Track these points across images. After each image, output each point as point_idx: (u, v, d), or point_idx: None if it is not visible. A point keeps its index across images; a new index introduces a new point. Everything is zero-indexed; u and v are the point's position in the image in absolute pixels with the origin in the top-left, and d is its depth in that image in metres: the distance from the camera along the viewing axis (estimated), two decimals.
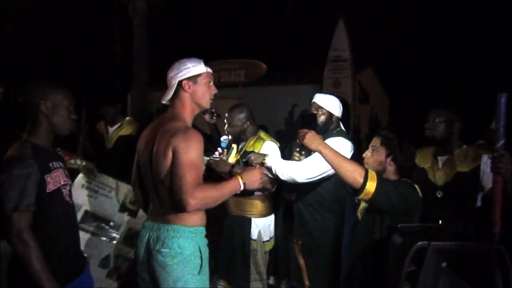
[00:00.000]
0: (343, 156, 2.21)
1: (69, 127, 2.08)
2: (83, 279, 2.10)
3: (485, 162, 2.67)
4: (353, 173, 2.11)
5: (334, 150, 2.20)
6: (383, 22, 10.45)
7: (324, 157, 2.19)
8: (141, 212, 2.97)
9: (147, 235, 2.06)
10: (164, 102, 2.16)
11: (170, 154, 1.92)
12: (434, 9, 9.86)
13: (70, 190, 2.11)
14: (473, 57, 9.53)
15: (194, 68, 2.10)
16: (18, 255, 1.82)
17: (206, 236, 2.10)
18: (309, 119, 2.49)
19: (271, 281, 3.18)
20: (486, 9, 8.79)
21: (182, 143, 1.90)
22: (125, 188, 3.11)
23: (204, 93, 2.13)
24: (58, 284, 1.85)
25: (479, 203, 2.76)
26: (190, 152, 1.90)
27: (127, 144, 3.90)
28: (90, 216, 3.04)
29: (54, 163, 2.02)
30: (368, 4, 10.29)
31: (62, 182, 2.04)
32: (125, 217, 3.06)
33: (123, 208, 3.08)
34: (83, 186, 3.09)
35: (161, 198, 2.04)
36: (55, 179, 1.98)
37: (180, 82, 2.08)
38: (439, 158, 2.83)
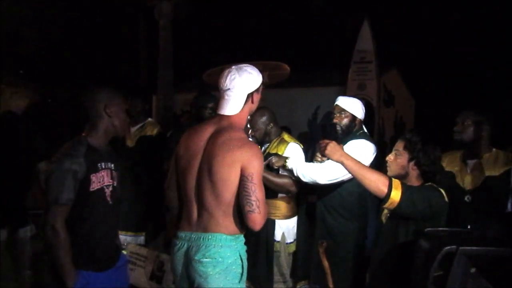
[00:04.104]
0: (365, 166, 2.20)
1: (126, 129, 2.25)
2: (115, 271, 2.20)
3: None
4: (376, 183, 2.10)
5: (356, 160, 2.19)
6: (408, 23, 10.30)
7: (346, 167, 2.20)
8: (165, 276, 3.04)
9: (185, 245, 1.99)
10: (226, 113, 2.01)
11: (237, 165, 1.89)
12: (461, 9, 9.66)
13: (113, 191, 2.18)
14: (502, 58, 9.29)
15: (259, 77, 2.04)
16: (48, 243, 1.96)
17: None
18: (330, 129, 2.49)
19: (290, 283, 3.17)
20: None
21: (254, 159, 1.91)
22: (153, 256, 3.18)
23: (259, 102, 2.10)
24: (76, 272, 1.99)
25: (509, 208, 2.69)
26: (260, 168, 1.93)
27: (148, 145, 3.97)
28: None
29: (103, 163, 2.13)
30: (393, 5, 10.16)
31: (106, 182, 2.14)
32: (154, 284, 3.12)
33: (152, 276, 3.15)
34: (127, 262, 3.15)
35: (204, 205, 1.96)
36: (99, 179, 2.10)
37: (249, 94, 2.01)
38: (467, 162, 2.77)
